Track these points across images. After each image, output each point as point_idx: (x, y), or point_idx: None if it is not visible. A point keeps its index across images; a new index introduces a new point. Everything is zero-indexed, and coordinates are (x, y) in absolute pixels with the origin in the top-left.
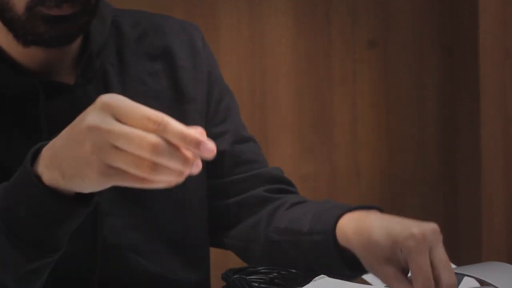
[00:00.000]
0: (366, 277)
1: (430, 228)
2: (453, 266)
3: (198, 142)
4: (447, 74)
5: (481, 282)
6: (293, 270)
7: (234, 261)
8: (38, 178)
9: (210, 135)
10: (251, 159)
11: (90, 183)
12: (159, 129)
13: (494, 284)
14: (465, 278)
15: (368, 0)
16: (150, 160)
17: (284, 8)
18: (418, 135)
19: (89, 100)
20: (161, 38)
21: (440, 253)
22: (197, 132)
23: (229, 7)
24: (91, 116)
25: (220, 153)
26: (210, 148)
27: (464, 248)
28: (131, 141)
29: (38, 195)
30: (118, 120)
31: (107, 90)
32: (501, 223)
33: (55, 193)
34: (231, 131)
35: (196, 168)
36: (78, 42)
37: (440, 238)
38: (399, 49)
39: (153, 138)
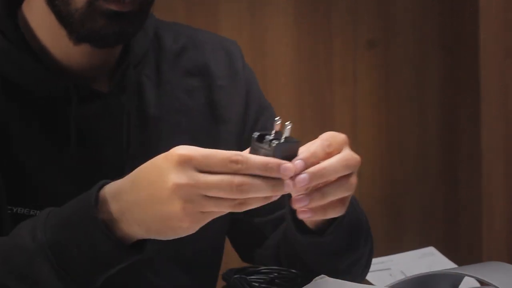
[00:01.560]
0: (368, 277)
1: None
2: (454, 265)
3: (278, 166)
4: (448, 74)
5: (482, 282)
6: (293, 270)
7: (235, 261)
8: (102, 225)
9: None
10: None
11: (184, 233)
12: (243, 168)
13: (495, 284)
14: (466, 278)
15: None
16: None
17: (285, 8)
18: (418, 135)
19: (121, 110)
20: (200, 54)
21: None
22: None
23: (230, 7)
24: (175, 175)
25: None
26: (289, 167)
27: (465, 248)
28: (220, 188)
29: (100, 242)
30: (201, 171)
31: (141, 101)
32: (502, 223)
33: (116, 242)
34: None
35: (288, 187)
36: (118, 50)
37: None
38: (400, 49)
39: (239, 180)
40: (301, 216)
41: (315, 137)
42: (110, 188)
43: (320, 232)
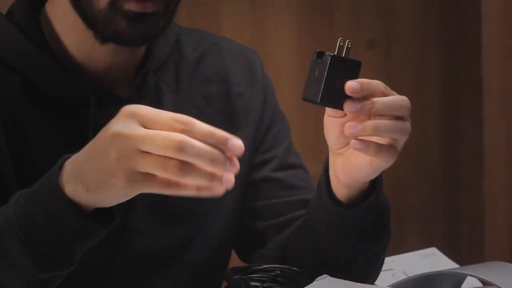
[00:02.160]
0: None
1: None
2: (456, 265)
3: (226, 139)
4: (449, 74)
5: (484, 282)
6: (295, 268)
7: (235, 259)
8: (61, 190)
9: (255, 162)
10: (296, 185)
11: (117, 193)
12: (187, 129)
13: (497, 284)
14: (468, 278)
15: None
16: (176, 160)
17: (286, 8)
18: (419, 135)
19: None
20: (220, 61)
21: None
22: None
23: (231, 7)
24: (116, 124)
25: (260, 179)
26: (238, 144)
27: (467, 248)
28: (155, 142)
29: (60, 209)
30: (145, 126)
31: (159, 108)
32: (504, 223)
33: (76, 209)
34: (276, 159)
35: (228, 182)
36: (139, 55)
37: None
38: (401, 49)
39: (177, 136)
40: (355, 146)
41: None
42: (74, 157)
43: (353, 206)
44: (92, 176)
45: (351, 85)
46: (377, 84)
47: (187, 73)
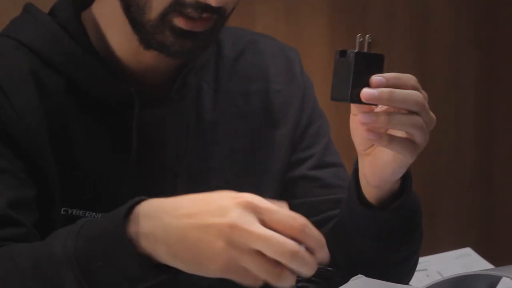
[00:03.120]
0: None
1: None
2: (491, 266)
3: (326, 254)
4: (484, 73)
5: None
6: (330, 268)
7: None
8: (128, 238)
9: (293, 159)
10: (334, 184)
11: (207, 273)
12: (304, 232)
13: None
14: (503, 278)
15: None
16: (282, 269)
17: (320, 7)
18: (454, 134)
19: (181, 116)
20: (258, 58)
21: None
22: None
23: (265, 7)
24: (235, 214)
25: (298, 177)
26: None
27: (502, 248)
28: (272, 246)
29: (124, 256)
30: (262, 220)
31: (199, 107)
32: None
33: (142, 260)
34: (315, 157)
35: None
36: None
37: None
38: (436, 49)
39: (293, 246)
40: (367, 136)
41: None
42: (148, 205)
43: (382, 208)
44: (185, 251)
45: (376, 80)
46: (408, 78)
47: (226, 71)
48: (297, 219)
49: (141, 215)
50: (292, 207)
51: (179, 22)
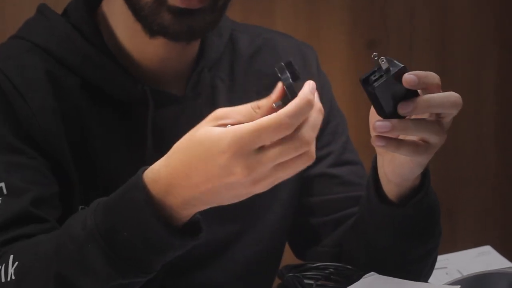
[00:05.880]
0: None
1: None
2: (511, 264)
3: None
4: (505, 71)
5: None
6: (349, 266)
7: (290, 257)
8: (153, 207)
9: None
10: (352, 182)
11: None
12: (292, 124)
13: None
14: None
15: None
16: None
17: (340, 5)
18: (475, 133)
19: (195, 113)
20: (274, 56)
21: None
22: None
23: (285, 4)
24: (239, 167)
25: (316, 175)
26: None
27: None
28: (287, 152)
29: (153, 226)
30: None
31: (214, 105)
32: None
33: (171, 227)
34: (333, 154)
35: None
36: (193, 52)
37: None
38: (457, 46)
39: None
40: (374, 141)
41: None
42: (158, 184)
43: (402, 205)
44: (220, 202)
45: (409, 79)
46: (433, 76)
47: (241, 69)
48: (282, 123)
49: (158, 193)
50: (310, 206)
51: (174, 1)
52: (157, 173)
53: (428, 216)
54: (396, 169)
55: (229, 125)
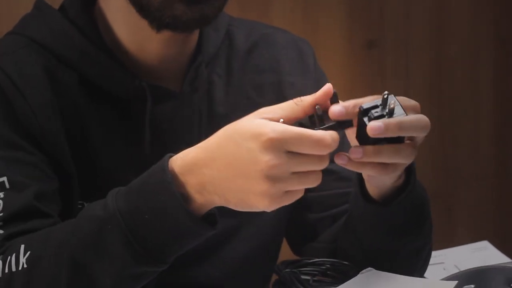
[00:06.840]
0: None
1: None
2: (508, 260)
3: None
4: (502, 68)
5: None
6: (345, 262)
7: (287, 253)
8: (181, 198)
9: None
10: (349, 177)
11: (260, 209)
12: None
13: None
14: None
15: None
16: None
17: (337, 1)
18: (472, 130)
19: (193, 109)
20: (270, 51)
21: None
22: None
23: (282, 2)
24: (267, 156)
25: None
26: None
27: None
28: (307, 163)
29: (175, 211)
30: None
31: (211, 101)
32: None
33: (192, 214)
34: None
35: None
36: (190, 49)
37: None
38: (454, 45)
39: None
40: (336, 160)
41: None
42: (184, 161)
43: (385, 204)
44: (235, 197)
45: (336, 110)
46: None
47: (238, 64)
48: (324, 140)
49: (181, 171)
50: (307, 201)
51: None
52: (187, 152)
53: (415, 214)
54: (369, 176)
55: (281, 120)
